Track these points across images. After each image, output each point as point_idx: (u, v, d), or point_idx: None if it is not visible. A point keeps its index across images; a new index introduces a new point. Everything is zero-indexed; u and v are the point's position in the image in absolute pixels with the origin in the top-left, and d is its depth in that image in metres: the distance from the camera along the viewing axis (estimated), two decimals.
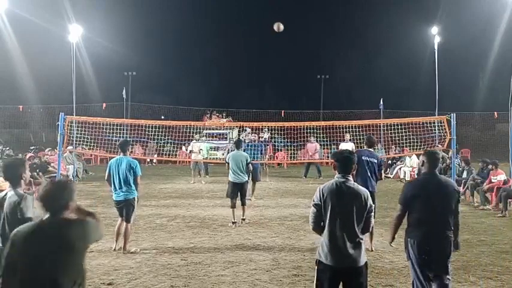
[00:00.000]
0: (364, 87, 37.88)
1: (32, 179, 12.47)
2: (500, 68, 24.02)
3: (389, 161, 20.73)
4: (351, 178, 3.90)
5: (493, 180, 11.40)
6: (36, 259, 2.86)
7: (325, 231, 3.78)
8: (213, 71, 42.29)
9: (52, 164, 14.28)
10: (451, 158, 12.82)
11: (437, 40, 27.47)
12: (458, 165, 13.64)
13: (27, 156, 13.93)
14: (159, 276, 5.92)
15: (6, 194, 4.02)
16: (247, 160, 9.43)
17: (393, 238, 4.59)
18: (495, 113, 28.47)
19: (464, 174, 12.86)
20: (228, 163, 9.42)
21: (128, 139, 8.43)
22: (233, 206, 9.16)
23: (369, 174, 7.17)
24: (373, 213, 3.91)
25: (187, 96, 36.90)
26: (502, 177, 11.37)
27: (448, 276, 4.29)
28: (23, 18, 24.47)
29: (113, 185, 7.19)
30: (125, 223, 7.15)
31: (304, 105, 33.96)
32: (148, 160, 25.01)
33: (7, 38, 24.99)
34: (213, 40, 41.80)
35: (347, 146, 16.20)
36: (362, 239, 3.83)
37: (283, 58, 41.55)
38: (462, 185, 12.60)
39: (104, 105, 28.09)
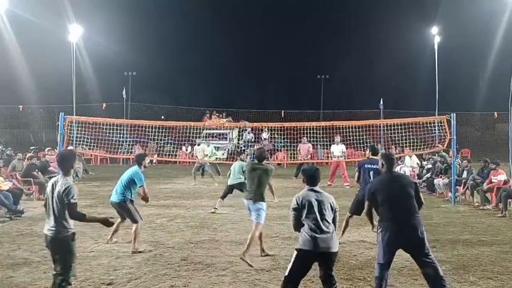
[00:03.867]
0: (364, 87, 37.80)
1: (32, 179, 12.55)
2: (500, 68, 24.02)
3: None
4: (317, 186, 4.93)
5: (493, 180, 11.38)
6: None
7: (306, 225, 4.71)
8: (213, 71, 42.23)
9: (52, 164, 14.26)
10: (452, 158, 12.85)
11: (437, 40, 27.51)
12: (459, 165, 13.64)
13: (27, 156, 13.91)
14: (159, 276, 5.92)
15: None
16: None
17: (372, 224, 6.04)
18: (495, 113, 28.49)
19: (464, 174, 12.85)
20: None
21: (144, 153, 8.84)
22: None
23: (372, 179, 7.59)
24: (337, 212, 4.92)
25: (187, 96, 36.88)
26: (502, 177, 11.35)
27: (430, 256, 4.89)
28: (23, 18, 24.49)
29: None
30: (122, 222, 7.43)
31: (304, 105, 33.88)
32: (148, 160, 24.99)
33: (7, 38, 24.99)
34: (213, 40, 41.76)
35: (338, 148, 16.19)
36: (334, 230, 4.81)
37: (283, 58, 41.47)
38: (462, 185, 12.60)
39: (104, 105, 28.11)
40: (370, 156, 8.36)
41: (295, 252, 4.77)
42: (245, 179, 10.58)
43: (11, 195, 10.11)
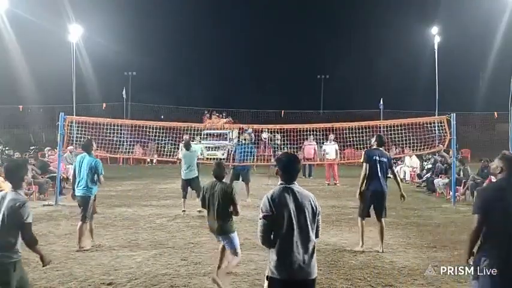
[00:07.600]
0: (364, 87, 37.81)
1: (32, 179, 12.54)
2: (500, 68, 24.02)
3: None
4: (296, 183, 3.67)
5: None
6: None
7: (278, 243, 3.52)
8: (213, 71, 42.28)
9: (52, 164, 14.25)
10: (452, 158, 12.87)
11: (437, 40, 27.51)
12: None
13: (27, 157, 13.91)
14: (159, 276, 5.92)
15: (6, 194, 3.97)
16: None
17: (470, 256, 3.77)
18: (495, 113, 28.50)
19: (460, 175, 12.91)
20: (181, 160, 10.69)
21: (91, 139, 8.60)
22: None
23: (380, 174, 7.07)
24: (320, 215, 3.68)
25: (187, 96, 36.89)
26: None
27: None
28: (23, 18, 24.50)
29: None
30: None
31: (304, 105, 33.95)
32: (148, 160, 25.02)
33: (7, 38, 25.00)
34: (213, 40, 41.80)
35: (331, 147, 16.12)
36: (315, 245, 3.62)
37: (283, 58, 41.49)
38: (462, 185, 12.62)
39: (104, 105, 28.15)
40: (375, 147, 7.39)
41: (266, 282, 3.62)
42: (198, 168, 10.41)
43: None
